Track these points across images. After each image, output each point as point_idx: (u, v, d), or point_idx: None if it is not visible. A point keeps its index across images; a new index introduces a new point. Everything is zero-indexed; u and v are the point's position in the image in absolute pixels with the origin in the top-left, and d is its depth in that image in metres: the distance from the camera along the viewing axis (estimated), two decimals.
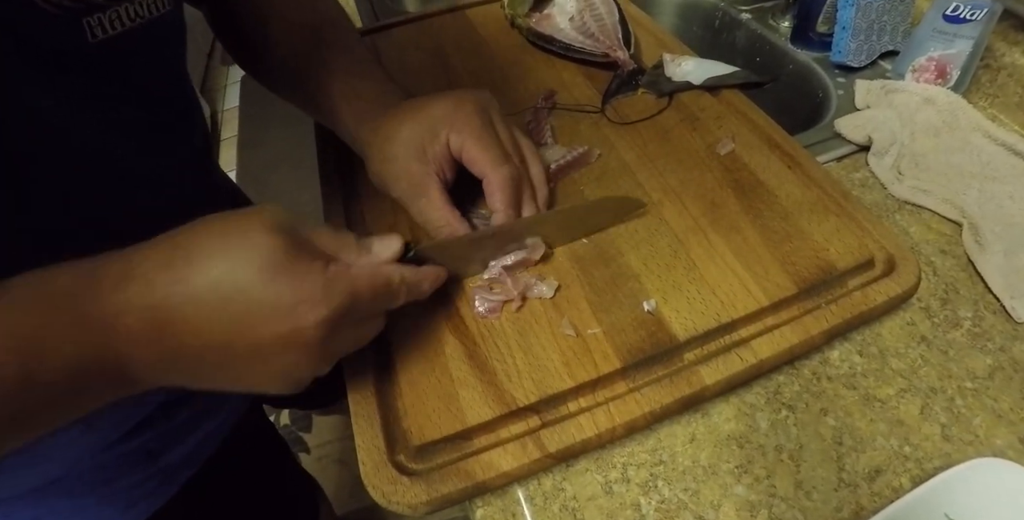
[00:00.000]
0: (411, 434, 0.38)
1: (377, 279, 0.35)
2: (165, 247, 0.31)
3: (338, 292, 0.32)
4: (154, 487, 0.54)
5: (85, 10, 0.34)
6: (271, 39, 0.53)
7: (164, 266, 0.29)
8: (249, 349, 0.31)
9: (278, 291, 0.30)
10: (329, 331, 0.32)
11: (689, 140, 0.55)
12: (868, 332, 0.46)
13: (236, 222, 0.31)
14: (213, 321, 0.30)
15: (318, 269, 0.32)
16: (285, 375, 0.33)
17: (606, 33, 0.66)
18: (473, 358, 0.41)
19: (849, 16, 0.68)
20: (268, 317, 0.30)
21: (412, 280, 0.37)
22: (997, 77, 0.66)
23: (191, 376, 0.32)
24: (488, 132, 0.45)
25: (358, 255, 0.35)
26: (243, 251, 0.30)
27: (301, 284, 0.31)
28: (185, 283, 0.29)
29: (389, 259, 0.37)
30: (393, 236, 0.37)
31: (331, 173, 0.57)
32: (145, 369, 0.30)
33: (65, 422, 0.31)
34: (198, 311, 0.29)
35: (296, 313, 0.31)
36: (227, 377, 0.33)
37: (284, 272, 0.30)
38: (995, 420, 0.42)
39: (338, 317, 0.32)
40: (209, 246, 0.30)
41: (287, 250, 0.31)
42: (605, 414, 0.39)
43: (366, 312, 0.35)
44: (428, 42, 0.73)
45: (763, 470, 0.40)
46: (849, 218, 0.47)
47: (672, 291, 0.43)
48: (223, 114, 2.53)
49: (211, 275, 0.29)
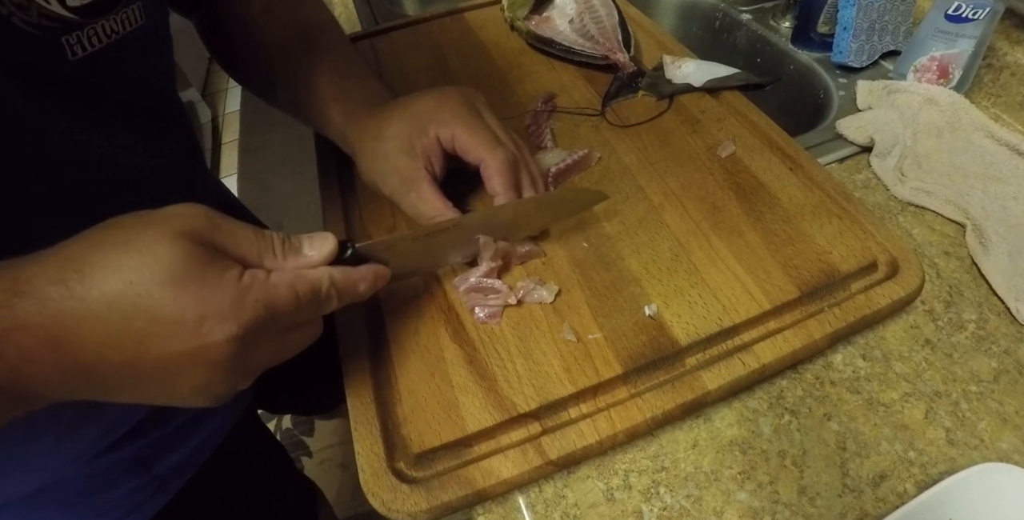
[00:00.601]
0: (411, 441, 0.38)
1: (300, 285, 0.32)
2: (59, 259, 0.28)
3: (249, 305, 0.29)
4: (148, 495, 0.54)
5: (63, 29, 0.34)
6: (260, 44, 0.54)
7: (56, 281, 0.27)
8: (155, 367, 0.29)
9: (181, 306, 0.28)
10: (241, 346, 0.29)
11: (690, 143, 0.54)
12: (871, 335, 0.46)
13: (139, 229, 0.29)
14: (113, 339, 0.28)
15: (229, 280, 0.29)
16: (199, 391, 0.31)
17: (606, 35, 0.65)
18: (473, 364, 0.41)
19: (850, 16, 0.68)
20: (172, 334, 0.28)
21: (344, 282, 0.34)
22: (1000, 76, 0.65)
23: (101, 392, 0.30)
24: (477, 120, 0.46)
25: (284, 258, 0.33)
26: (143, 263, 0.28)
27: (208, 298, 0.28)
28: (79, 300, 0.27)
29: (320, 261, 0.34)
30: (325, 234, 0.34)
31: (330, 177, 0.57)
32: (43, 387, 0.28)
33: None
34: (95, 329, 0.27)
35: (202, 330, 0.28)
36: (139, 394, 0.31)
37: (189, 284, 0.28)
38: (1000, 424, 0.41)
39: (251, 332, 0.30)
40: (106, 258, 0.28)
41: (192, 260, 0.28)
42: (606, 420, 0.39)
43: (290, 321, 0.32)
44: (427, 45, 0.73)
45: (766, 476, 0.40)
46: (851, 220, 0.47)
47: (673, 295, 0.43)
48: (224, 118, 2.53)
49: (108, 290, 0.27)
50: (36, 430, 0.43)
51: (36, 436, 0.43)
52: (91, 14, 0.35)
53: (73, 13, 0.34)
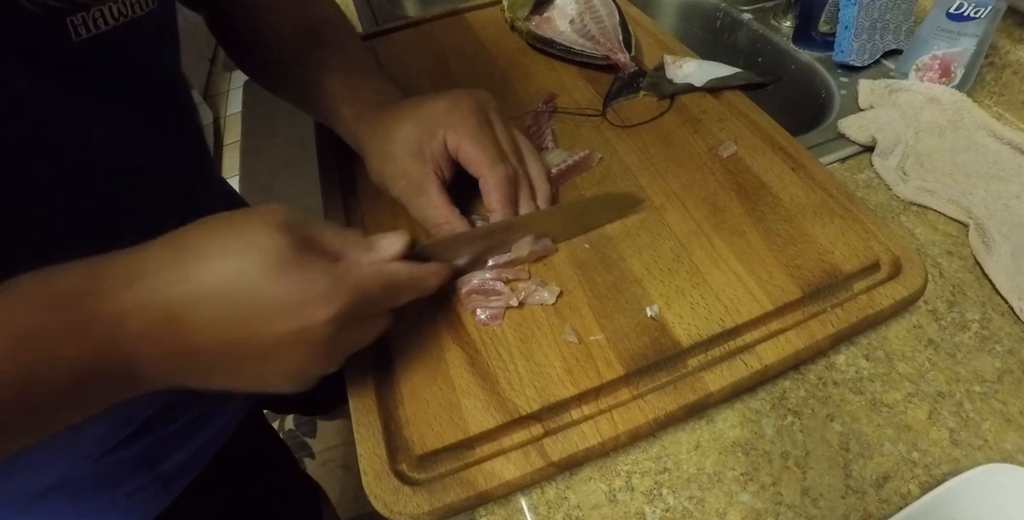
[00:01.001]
0: (413, 443, 0.38)
1: (383, 276, 0.35)
2: (173, 246, 0.30)
3: (345, 290, 0.32)
4: (153, 494, 0.54)
5: (69, 9, 0.34)
6: (270, 39, 0.53)
7: (172, 265, 0.29)
8: (257, 348, 0.31)
9: (286, 290, 0.30)
10: (336, 329, 0.32)
11: (691, 143, 0.54)
12: (874, 336, 0.46)
13: (244, 221, 0.31)
14: (222, 320, 0.30)
15: (325, 267, 0.32)
16: (293, 374, 0.33)
17: (606, 35, 0.65)
18: (475, 366, 0.41)
19: (851, 15, 0.68)
20: (276, 316, 0.30)
21: (417, 277, 0.37)
22: (1002, 75, 0.65)
23: (198, 375, 0.32)
24: (485, 131, 0.46)
25: (364, 252, 0.35)
26: (251, 250, 0.30)
27: (309, 282, 0.31)
28: (194, 282, 0.29)
29: (394, 256, 0.36)
30: (398, 233, 0.37)
31: (332, 178, 0.57)
32: (152, 368, 0.30)
33: (70, 424, 0.30)
34: (207, 310, 0.29)
35: (304, 312, 0.31)
36: (235, 376, 0.32)
37: (292, 271, 0.30)
38: (1004, 424, 0.41)
39: (346, 315, 0.32)
40: (217, 245, 0.30)
41: (294, 248, 0.31)
42: (608, 422, 0.38)
43: (372, 310, 0.35)
44: (428, 46, 0.73)
45: (769, 477, 0.40)
46: (854, 220, 0.46)
47: (675, 296, 0.43)
48: (226, 119, 2.53)
49: (220, 274, 0.29)
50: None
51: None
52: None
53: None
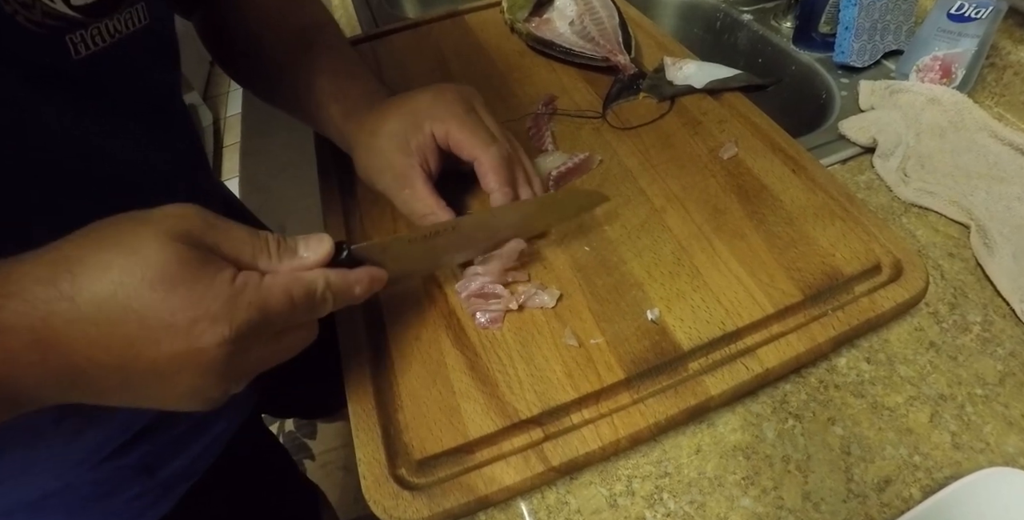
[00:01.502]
0: (412, 448, 0.38)
1: (295, 288, 0.31)
2: (49, 259, 0.27)
3: (243, 307, 0.29)
4: (152, 501, 0.54)
5: (67, 28, 0.34)
6: (260, 44, 0.54)
7: (46, 281, 0.26)
8: (146, 370, 0.28)
9: (172, 308, 0.27)
10: (233, 350, 0.29)
11: (691, 145, 0.54)
12: (875, 338, 0.46)
13: (131, 230, 0.29)
14: (103, 341, 0.27)
15: (221, 282, 0.29)
16: (191, 395, 0.31)
17: (606, 37, 0.65)
18: (474, 369, 0.41)
19: (852, 16, 0.68)
20: (162, 337, 0.28)
21: (340, 285, 0.34)
22: (1003, 76, 0.65)
23: (90, 394, 0.29)
24: (472, 117, 0.46)
25: (279, 259, 0.32)
26: (133, 264, 0.27)
27: (199, 300, 0.28)
28: (69, 301, 0.26)
29: (316, 263, 0.33)
30: (322, 236, 0.34)
31: (330, 181, 0.57)
32: (32, 390, 0.28)
33: None
34: (85, 331, 0.27)
35: (193, 333, 0.28)
36: (130, 397, 0.30)
37: (179, 287, 0.28)
38: (1006, 427, 0.41)
39: (243, 335, 0.29)
40: (96, 259, 0.27)
41: (184, 262, 0.28)
42: (609, 426, 0.38)
43: (284, 324, 0.32)
44: (428, 48, 0.73)
45: (770, 481, 0.39)
46: (855, 222, 0.46)
47: (676, 299, 0.42)
48: (225, 121, 2.53)
49: (98, 292, 0.27)
50: (40, 434, 0.43)
51: (41, 440, 0.43)
52: (94, 14, 0.36)
53: (77, 12, 0.34)
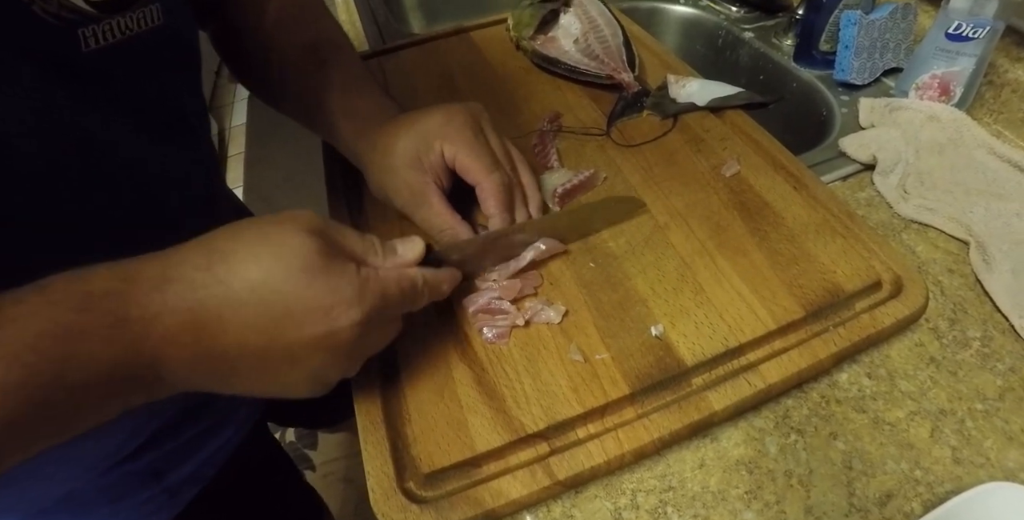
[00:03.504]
0: (420, 461, 0.39)
1: (403, 281, 0.36)
2: (203, 250, 0.31)
3: (370, 294, 0.33)
4: (158, 506, 0.54)
5: (80, 21, 0.35)
6: (273, 57, 0.55)
7: (203, 268, 0.30)
8: (285, 350, 0.32)
9: (315, 294, 0.31)
10: (362, 332, 0.33)
11: (694, 162, 0.55)
12: (876, 354, 0.46)
13: (273, 225, 0.32)
14: (251, 323, 0.30)
15: (351, 272, 0.33)
16: (316, 377, 0.34)
17: (610, 55, 0.66)
18: (482, 384, 0.41)
19: (851, 35, 0.69)
20: (305, 319, 0.31)
21: (433, 281, 0.39)
22: (1001, 93, 0.66)
23: (222, 378, 0.32)
24: (479, 141, 0.48)
25: (384, 257, 0.36)
26: (281, 254, 0.31)
27: (336, 286, 0.32)
28: (224, 285, 0.30)
29: (413, 260, 0.38)
30: (415, 238, 0.39)
31: (338, 193, 0.58)
32: (177, 371, 0.31)
33: (92, 425, 0.31)
34: (237, 313, 0.30)
35: (332, 315, 0.31)
36: (258, 379, 0.33)
37: (320, 275, 0.31)
38: (1006, 442, 0.42)
39: (370, 319, 0.33)
40: (248, 249, 0.31)
41: (322, 253, 0.32)
42: (614, 440, 0.39)
43: (392, 313, 0.36)
44: (434, 64, 0.74)
45: (773, 495, 0.40)
46: (855, 239, 0.47)
47: (679, 315, 0.43)
48: (230, 131, 2.55)
49: (250, 278, 0.30)
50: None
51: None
52: (109, 10, 0.37)
53: (92, 7, 0.36)
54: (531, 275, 0.46)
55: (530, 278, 0.46)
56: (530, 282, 0.46)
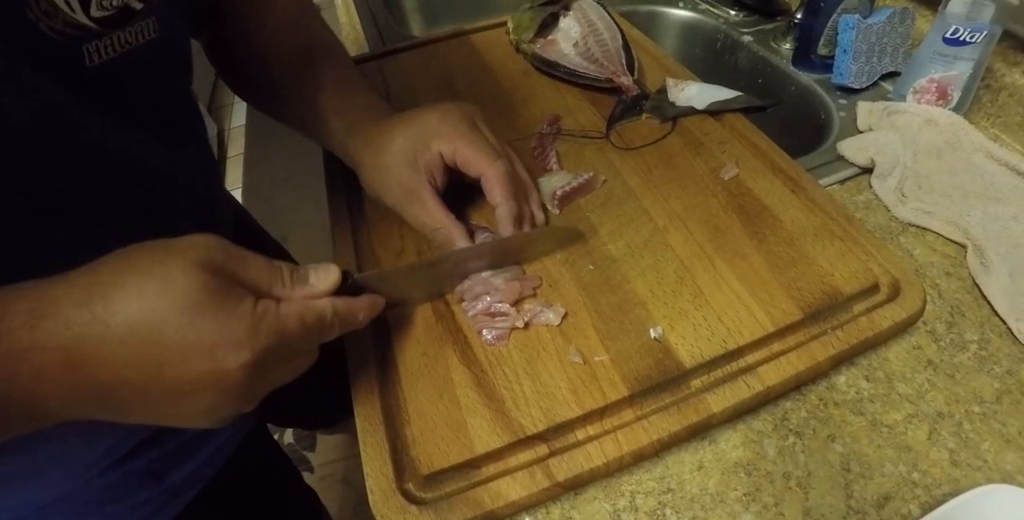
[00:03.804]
0: (420, 463, 0.39)
1: (308, 315, 0.34)
2: (84, 282, 0.29)
3: (264, 332, 0.31)
4: (157, 507, 0.54)
5: (84, 38, 0.36)
6: (266, 62, 0.55)
7: (81, 303, 0.28)
8: (169, 390, 0.30)
9: (198, 333, 0.30)
10: (253, 372, 0.31)
11: (693, 165, 0.55)
12: (874, 357, 0.47)
13: (161, 258, 0.31)
14: (131, 362, 0.29)
15: (244, 309, 0.31)
16: (206, 413, 0.32)
17: (610, 59, 0.66)
18: (481, 386, 0.41)
19: (850, 39, 0.69)
20: (188, 359, 0.30)
21: (345, 312, 0.37)
22: (998, 97, 0.66)
23: (111, 411, 0.31)
24: (476, 135, 0.48)
25: (292, 288, 0.35)
26: (165, 291, 0.29)
27: (224, 325, 0.30)
28: (102, 324, 0.28)
29: (324, 291, 0.36)
30: (330, 266, 0.37)
31: (339, 199, 0.58)
32: (56, 406, 0.30)
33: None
34: (115, 352, 0.29)
35: (217, 355, 0.30)
36: (149, 414, 0.32)
37: (206, 313, 0.30)
38: (1004, 444, 0.42)
39: (263, 358, 0.31)
40: (128, 284, 0.29)
41: (210, 290, 0.30)
42: (613, 442, 0.39)
43: (296, 348, 0.34)
44: (435, 67, 0.74)
45: (771, 498, 0.40)
46: (853, 242, 0.47)
47: (678, 318, 0.43)
48: (229, 132, 2.55)
49: (129, 315, 0.29)
50: (54, 434, 0.44)
51: (50, 441, 0.44)
52: (110, 25, 0.37)
53: (94, 23, 0.36)
54: (530, 277, 0.47)
55: (529, 280, 0.46)
56: (529, 284, 0.46)
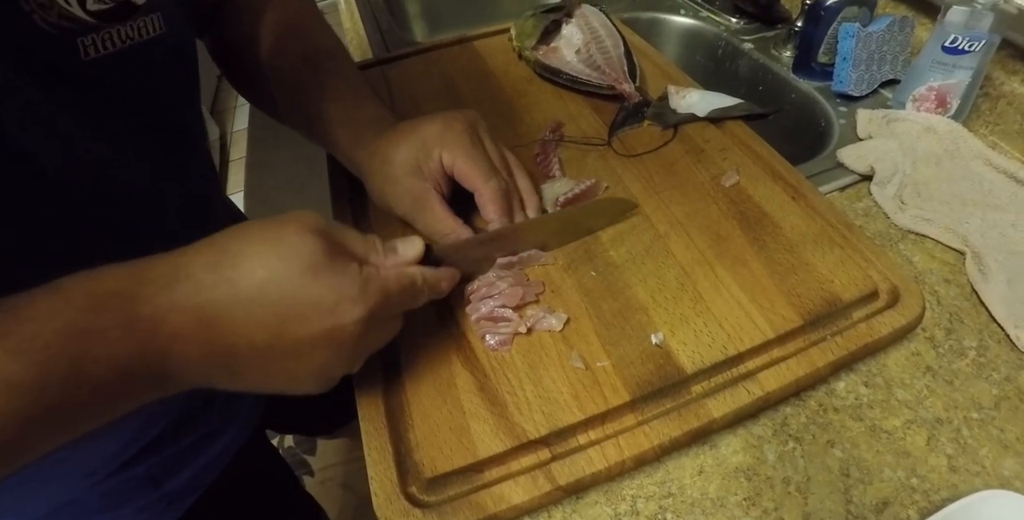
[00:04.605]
0: (423, 466, 0.39)
1: (404, 279, 0.37)
2: (211, 250, 0.32)
3: (373, 291, 0.34)
4: (157, 513, 0.55)
5: (80, 31, 0.36)
6: (270, 69, 0.56)
7: (212, 268, 0.31)
8: (290, 347, 0.33)
9: (320, 292, 0.32)
10: (365, 328, 0.34)
11: (694, 172, 0.56)
12: (873, 363, 0.47)
13: (279, 226, 0.33)
14: (258, 321, 0.31)
15: (354, 270, 0.34)
16: (321, 372, 0.35)
17: (612, 66, 0.67)
18: (484, 390, 0.42)
19: (849, 47, 0.70)
20: (311, 316, 0.32)
21: (432, 280, 0.40)
22: (997, 105, 0.67)
23: (230, 374, 0.33)
24: (477, 149, 0.49)
25: (385, 256, 0.38)
26: (286, 254, 0.32)
27: (340, 284, 0.33)
28: (232, 284, 0.31)
29: (413, 259, 0.39)
30: (415, 238, 0.40)
31: (343, 201, 0.58)
32: (185, 368, 0.32)
33: (106, 422, 0.31)
34: (244, 311, 0.31)
35: (337, 312, 0.33)
36: (265, 375, 0.34)
37: (324, 273, 0.33)
38: (1002, 450, 0.42)
39: (373, 316, 0.34)
40: (254, 249, 0.32)
41: (326, 252, 0.33)
42: (614, 447, 0.39)
43: (393, 311, 0.37)
44: (438, 73, 0.75)
45: (771, 502, 0.40)
46: (853, 249, 0.48)
47: (679, 324, 0.44)
48: (232, 135, 2.56)
49: (256, 277, 0.31)
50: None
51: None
52: (108, 19, 0.38)
53: (91, 17, 0.36)
54: (533, 283, 0.47)
55: (532, 286, 0.47)
56: (532, 289, 0.46)
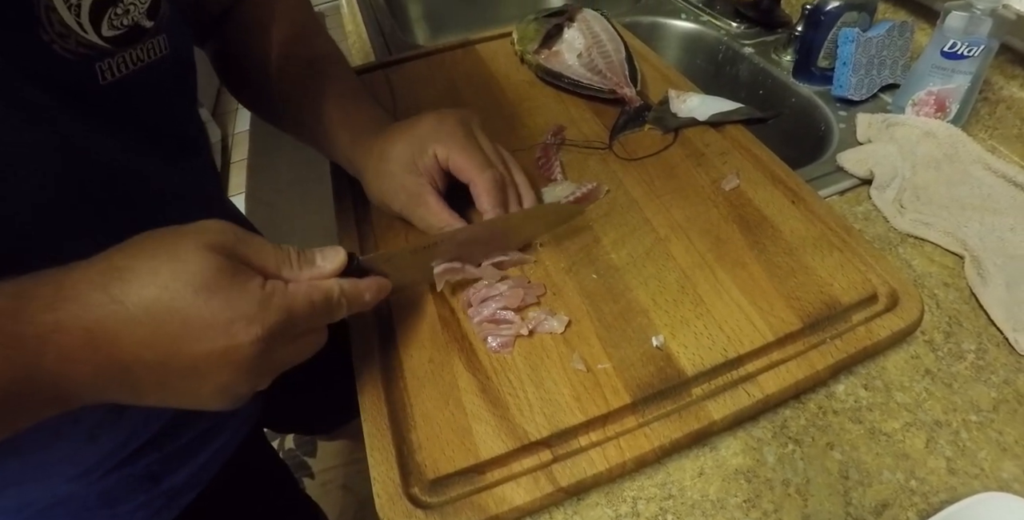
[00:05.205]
0: (425, 467, 0.39)
1: (315, 294, 0.35)
2: (100, 267, 0.31)
3: (274, 309, 0.33)
4: (156, 511, 0.55)
5: (97, 57, 0.37)
6: (269, 74, 0.57)
7: (99, 287, 0.30)
8: (185, 367, 0.32)
9: (212, 310, 0.31)
10: (264, 348, 0.33)
11: (695, 176, 0.56)
12: (873, 366, 0.47)
13: (173, 241, 0.32)
14: (148, 341, 0.30)
15: (254, 287, 0.33)
16: (222, 391, 0.34)
17: (613, 70, 0.67)
18: (486, 392, 0.42)
19: (849, 51, 0.70)
20: (202, 336, 0.31)
21: (352, 292, 0.38)
22: (996, 110, 0.67)
23: (129, 392, 0.33)
24: (471, 142, 0.50)
25: (299, 269, 0.36)
26: (179, 270, 0.31)
27: (235, 303, 0.32)
28: (120, 304, 0.30)
29: (331, 272, 0.37)
30: (336, 248, 0.38)
31: (346, 206, 0.59)
32: (80, 387, 0.31)
33: (8, 436, 0.31)
34: (133, 331, 0.30)
35: (230, 332, 0.31)
36: (165, 393, 0.33)
37: (219, 291, 0.31)
38: (1000, 453, 0.42)
39: (273, 334, 0.33)
40: (144, 266, 0.31)
41: (221, 269, 0.32)
42: (615, 448, 0.40)
43: (305, 327, 0.36)
44: (439, 76, 0.75)
45: (771, 504, 0.41)
46: (852, 253, 0.48)
47: (680, 326, 0.44)
48: (234, 137, 2.57)
49: (145, 296, 0.30)
50: (59, 434, 0.44)
51: (58, 440, 0.45)
52: (122, 43, 0.39)
53: (106, 42, 0.37)
54: (534, 285, 0.47)
55: (533, 288, 0.47)
56: (533, 292, 0.47)
